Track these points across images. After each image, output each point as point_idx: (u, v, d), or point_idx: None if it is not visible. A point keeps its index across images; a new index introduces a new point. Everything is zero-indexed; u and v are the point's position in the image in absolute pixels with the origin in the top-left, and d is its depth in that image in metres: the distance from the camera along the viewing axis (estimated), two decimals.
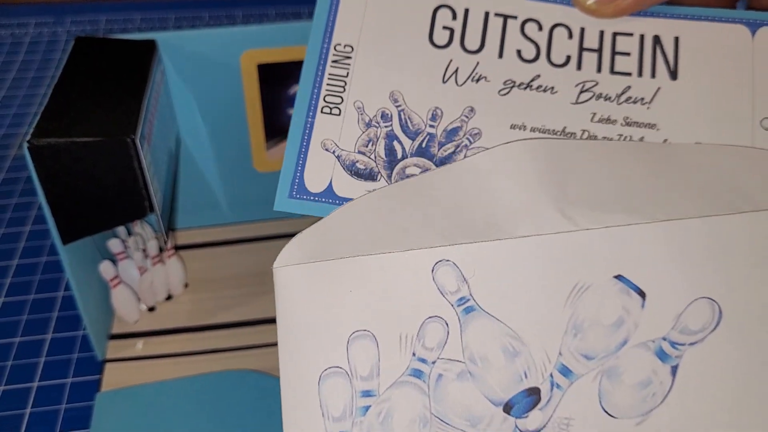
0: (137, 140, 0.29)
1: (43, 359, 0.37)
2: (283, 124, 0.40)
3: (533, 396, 0.23)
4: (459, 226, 0.24)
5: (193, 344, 0.37)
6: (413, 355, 0.23)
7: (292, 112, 0.26)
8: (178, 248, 0.42)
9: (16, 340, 0.38)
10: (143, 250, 0.38)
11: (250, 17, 0.68)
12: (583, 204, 0.24)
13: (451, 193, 0.24)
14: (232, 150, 0.41)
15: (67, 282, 0.41)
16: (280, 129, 0.40)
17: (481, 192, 0.24)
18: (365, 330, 0.23)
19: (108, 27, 0.67)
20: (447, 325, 0.23)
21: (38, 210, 0.47)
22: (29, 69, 0.61)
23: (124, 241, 0.38)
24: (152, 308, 0.39)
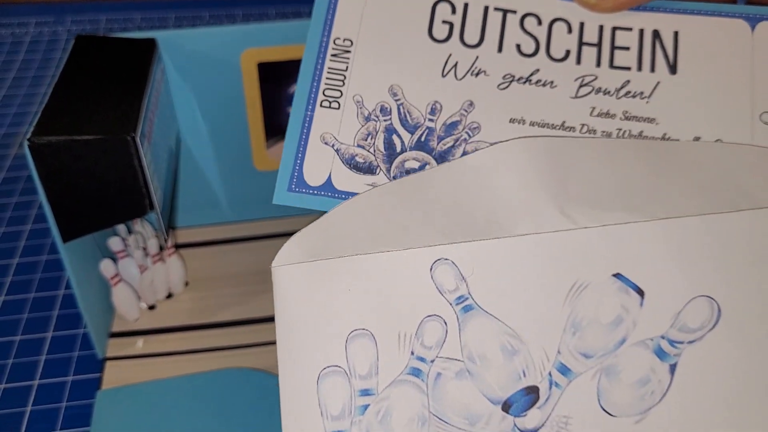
0: (137, 138, 0.29)
1: (44, 357, 0.37)
2: (283, 123, 0.40)
3: (532, 394, 0.23)
4: (459, 224, 0.24)
5: (193, 342, 0.37)
6: (412, 354, 0.23)
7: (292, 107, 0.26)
8: (179, 246, 0.42)
9: (17, 339, 0.38)
10: (143, 249, 0.38)
11: (250, 16, 0.68)
12: (583, 202, 0.24)
13: (452, 191, 0.24)
14: (232, 148, 0.41)
15: (68, 280, 0.41)
16: (280, 128, 0.40)
17: (482, 190, 0.24)
18: (364, 329, 0.23)
19: (108, 26, 0.67)
20: (446, 324, 0.23)
21: (39, 209, 0.47)
22: (30, 68, 0.61)
23: (125, 240, 0.38)
24: (152, 306, 0.39)
